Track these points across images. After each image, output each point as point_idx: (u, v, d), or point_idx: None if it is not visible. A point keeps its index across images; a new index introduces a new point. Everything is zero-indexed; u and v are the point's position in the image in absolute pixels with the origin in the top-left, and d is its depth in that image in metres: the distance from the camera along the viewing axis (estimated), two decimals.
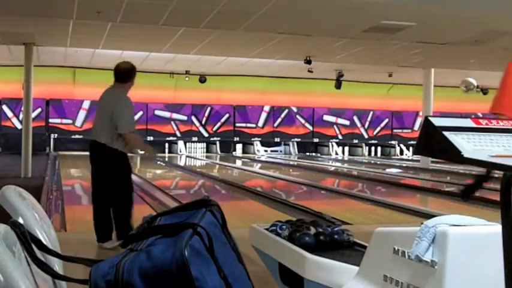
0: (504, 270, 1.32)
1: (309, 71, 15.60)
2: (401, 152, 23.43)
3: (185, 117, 21.25)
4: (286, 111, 22.22)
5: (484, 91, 18.18)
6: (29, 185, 9.36)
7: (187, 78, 18.57)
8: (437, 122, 1.37)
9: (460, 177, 13.31)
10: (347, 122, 22.85)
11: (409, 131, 23.18)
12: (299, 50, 12.96)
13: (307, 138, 22.60)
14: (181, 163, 18.40)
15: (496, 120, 1.48)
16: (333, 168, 17.16)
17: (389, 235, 2.32)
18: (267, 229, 3.40)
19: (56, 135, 20.06)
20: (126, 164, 5.49)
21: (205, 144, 21.90)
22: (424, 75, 15.46)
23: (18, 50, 12.96)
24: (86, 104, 20.20)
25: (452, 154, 1.32)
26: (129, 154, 5.52)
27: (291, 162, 18.96)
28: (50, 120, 19.90)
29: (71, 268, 1.41)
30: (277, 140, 22.39)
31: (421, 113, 18.22)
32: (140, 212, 6.84)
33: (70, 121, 20.11)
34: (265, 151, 22.23)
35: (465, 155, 1.31)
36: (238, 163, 18.66)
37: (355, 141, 23.01)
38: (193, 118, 21.45)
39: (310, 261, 2.91)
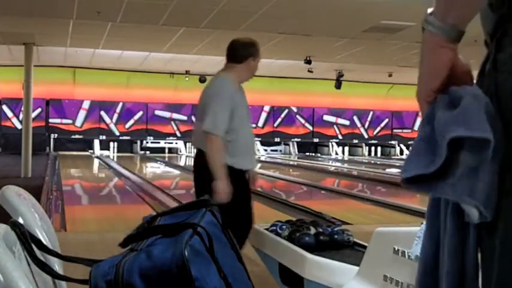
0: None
1: (309, 71, 15.60)
2: (401, 152, 23.41)
3: (185, 117, 21.25)
4: (286, 111, 22.22)
5: None
6: (29, 185, 9.36)
7: (187, 78, 18.57)
8: None
9: None
10: (347, 122, 22.84)
11: (409, 131, 23.17)
12: (299, 50, 12.96)
13: (307, 138, 22.60)
14: (181, 163, 18.40)
15: None
16: (333, 168, 17.16)
17: (389, 235, 2.32)
18: (267, 229, 3.40)
19: (56, 135, 20.06)
20: (236, 182, 3.58)
21: None
22: None
23: (18, 50, 12.96)
24: (86, 104, 20.20)
25: None
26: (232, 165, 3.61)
27: (291, 162, 18.95)
28: (50, 120, 19.89)
29: (71, 268, 1.41)
30: (277, 140, 22.39)
31: (421, 113, 18.20)
32: (140, 212, 6.85)
33: (70, 121, 20.11)
34: (265, 150, 22.23)
35: None
36: None
37: (355, 141, 23.01)
38: (193, 118, 21.44)
39: (310, 261, 2.91)
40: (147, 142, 21.03)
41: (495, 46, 0.94)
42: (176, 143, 21.46)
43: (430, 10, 0.97)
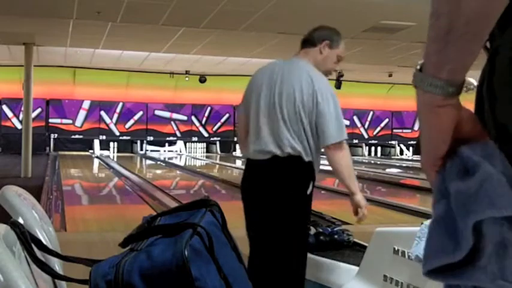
0: None
1: None
2: (401, 152, 23.43)
3: (185, 117, 21.25)
4: None
5: None
6: (29, 185, 9.36)
7: (187, 78, 18.57)
8: None
9: None
10: (347, 122, 22.83)
11: (409, 131, 23.18)
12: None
13: None
14: (181, 163, 18.40)
15: None
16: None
17: (390, 235, 2.32)
18: None
19: (56, 135, 20.07)
20: (306, 196, 3.08)
21: (205, 144, 21.91)
22: None
23: (18, 50, 12.96)
24: (86, 104, 20.21)
25: None
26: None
27: None
28: (50, 120, 19.90)
29: (71, 268, 1.41)
30: None
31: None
32: (140, 212, 6.85)
33: (70, 121, 20.12)
34: None
35: None
36: (238, 163, 18.65)
37: (355, 141, 23.01)
38: (193, 118, 21.45)
39: (310, 261, 2.91)
40: (146, 150, 21.02)
41: (489, 66, 0.84)
42: (175, 151, 21.42)
43: (420, 63, 0.80)
